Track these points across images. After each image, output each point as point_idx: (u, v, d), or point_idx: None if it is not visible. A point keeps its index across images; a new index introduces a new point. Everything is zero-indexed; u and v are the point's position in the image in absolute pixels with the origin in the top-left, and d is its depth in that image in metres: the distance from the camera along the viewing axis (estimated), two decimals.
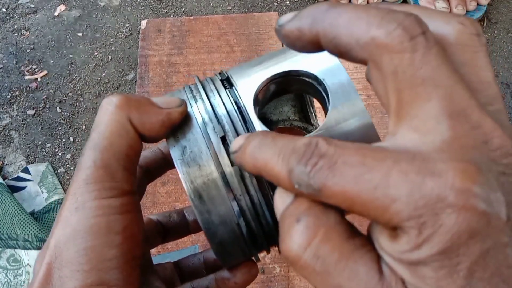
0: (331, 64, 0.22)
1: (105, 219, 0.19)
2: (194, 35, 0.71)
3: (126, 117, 0.20)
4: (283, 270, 0.52)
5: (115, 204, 0.19)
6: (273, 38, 0.72)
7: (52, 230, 0.19)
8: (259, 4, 0.75)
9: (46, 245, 0.19)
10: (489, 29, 0.74)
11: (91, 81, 0.66)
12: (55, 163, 0.59)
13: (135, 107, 0.20)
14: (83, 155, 0.19)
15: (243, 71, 0.24)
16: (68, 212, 0.19)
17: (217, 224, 0.21)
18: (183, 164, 0.21)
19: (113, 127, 0.20)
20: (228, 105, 0.22)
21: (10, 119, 0.62)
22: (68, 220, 0.19)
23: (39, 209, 0.55)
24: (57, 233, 0.19)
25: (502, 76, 0.69)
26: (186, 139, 0.21)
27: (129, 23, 0.72)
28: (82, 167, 0.19)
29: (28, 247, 0.51)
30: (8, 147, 0.59)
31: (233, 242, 0.22)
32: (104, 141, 0.19)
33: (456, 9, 0.71)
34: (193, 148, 0.21)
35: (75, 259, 0.18)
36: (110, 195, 0.19)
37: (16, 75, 0.66)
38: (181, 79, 0.67)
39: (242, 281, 0.26)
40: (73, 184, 0.19)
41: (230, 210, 0.21)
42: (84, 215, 0.19)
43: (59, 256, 0.18)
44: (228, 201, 0.21)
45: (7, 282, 0.49)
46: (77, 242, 0.18)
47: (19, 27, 0.71)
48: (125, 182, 0.20)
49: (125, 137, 0.20)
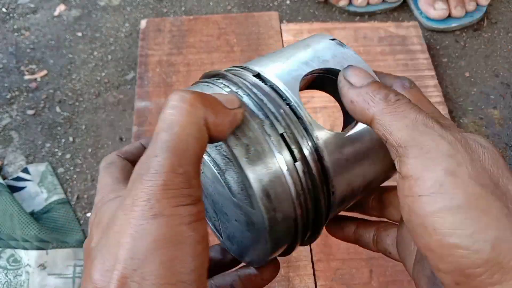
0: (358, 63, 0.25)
1: (186, 228, 0.18)
2: (194, 35, 0.71)
3: (203, 118, 0.19)
4: (283, 271, 0.52)
5: (193, 212, 0.18)
6: (273, 38, 0.72)
7: (115, 239, 0.18)
8: (259, 4, 0.75)
9: (111, 257, 0.17)
10: (489, 29, 0.74)
11: (91, 81, 0.66)
12: (55, 163, 0.59)
13: (210, 107, 0.19)
14: (156, 156, 0.18)
15: (276, 66, 0.24)
16: (143, 220, 0.17)
17: (279, 221, 0.21)
18: (249, 163, 0.20)
19: (190, 129, 0.18)
20: (279, 102, 0.22)
21: (10, 119, 0.62)
22: (145, 228, 0.17)
23: (39, 209, 0.55)
24: (132, 244, 0.17)
25: (502, 76, 0.69)
26: (247, 137, 0.21)
27: (128, 23, 0.72)
28: (158, 171, 0.17)
29: (28, 247, 0.50)
30: (8, 147, 0.59)
31: (285, 238, 0.23)
32: (181, 144, 0.18)
33: (455, 10, 0.71)
34: (256, 147, 0.21)
35: (158, 271, 0.17)
36: (188, 202, 0.18)
37: (16, 75, 0.66)
38: (181, 79, 0.67)
39: (269, 277, 0.26)
40: (142, 189, 0.17)
41: (291, 206, 0.21)
42: (165, 223, 0.17)
43: (139, 269, 0.17)
44: (291, 197, 0.21)
45: (7, 282, 0.49)
46: (160, 253, 0.17)
47: (19, 27, 0.71)
48: (198, 188, 0.18)
49: (200, 140, 0.19)
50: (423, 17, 0.73)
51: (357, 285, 0.49)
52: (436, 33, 0.73)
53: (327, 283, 0.49)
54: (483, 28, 0.74)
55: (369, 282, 0.50)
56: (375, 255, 0.51)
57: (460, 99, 0.66)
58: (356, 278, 0.50)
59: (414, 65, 0.66)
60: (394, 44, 0.68)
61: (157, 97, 0.62)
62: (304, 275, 0.50)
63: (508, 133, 0.63)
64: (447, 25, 0.72)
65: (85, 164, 0.59)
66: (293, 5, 0.76)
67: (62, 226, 0.53)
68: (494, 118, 0.65)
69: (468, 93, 0.67)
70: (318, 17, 0.74)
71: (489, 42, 0.73)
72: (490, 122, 0.64)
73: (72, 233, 0.53)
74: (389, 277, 0.50)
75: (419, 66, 0.66)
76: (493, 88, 0.68)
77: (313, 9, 0.75)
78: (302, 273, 0.50)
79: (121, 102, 0.64)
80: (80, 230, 0.54)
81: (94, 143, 0.60)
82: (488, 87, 0.68)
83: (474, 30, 0.74)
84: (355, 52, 0.26)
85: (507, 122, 0.64)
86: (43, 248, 0.50)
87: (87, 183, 0.57)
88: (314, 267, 0.50)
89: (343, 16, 0.75)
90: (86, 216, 0.55)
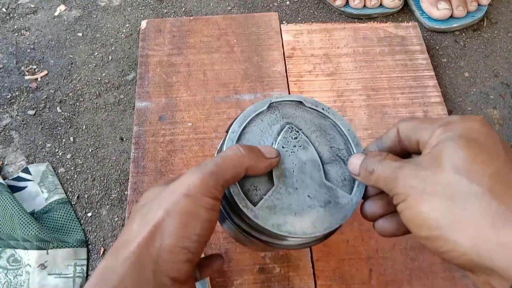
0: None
1: (204, 210, 0.28)
2: (194, 35, 0.71)
3: (246, 167, 0.31)
4: (283, 270, 0.52)
5: (211, 204, 0.29)
6: (273, 39, 0.72)
7: (157, 204, 0.29)
8: (259, 4, 0.75)
9: (152, 214, 0.28)
10: (489, 29, 0.74)
11: (91, 81, 0.66)
12: (55, 163, 0.59)
13: (253, 160, 0.31)
14: (206, 164, 0.29)
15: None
16: (179, 197, 0.28)
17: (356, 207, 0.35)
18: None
19: (235, 168, 0.30)
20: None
21: (10, 119, 0.62)
22: (179, 202, 0.28)
23: (39, 209, 0.55)
24: (168, 209, 0.28)
25: (502, 76, 0.69)
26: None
27: (129, 23, 0.72)
28: (202, 171, 0.29)
29: (28, 247, 0.51)
30: (8, 147, 0.59)
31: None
32: (225, 170, 0.30)
33: (456, 10, 0.71)
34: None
35: (177, 227, 0.27)
36: (211, 197, 0.29)
37: (16, 75, 0.66)
38: (181, 79, 0.67)
39: (218, 267, 0.38)
40: (188, 177, 0.29)
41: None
42: (192, 202, 0.28)
43: (166, 221, 0.27)
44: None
45: (7, 282, 0.49)
46: (182, 217, 0.28)
47: (19, 27, 0.71)
48: (220, 194, 0.30)
49: (237, 176, 0.31)
50: (425, 17, 0.73)
51: (356, 284, 0.49)
52: (435, 33, 0.73)
53: (326, 283, 0.49)
54: (482, 28, 0.74)
55: (369, 281, 0.50)
56: (375, 255, 0.51)
57: (459, 99, 0.66)
58: (355, 278, 0.50)
59: (413, 66, 0.67)
60: (394, 44, 0.69)
61: (157, 97, 0.62)
62: (304, 275, 0.50)
63: (507, 133, 0.63)
64: (448, 26, 0.72)
65: (85, 164, 0.59)
66: (292, 6, 0.76)
67: (63, 226, 0.53)
68: (493, 118, 0.65)
69: (468, 93, 0.67)
70: (317, 18, 0.75)
71: (488, 42, 0.73)
72: (490, 122, 0.64)
73: (72, 233, 0.53)
74: (389, 277, 0.50)
75: (418, 66, 0.66)
76: (493, 88, 0.68)
77: (312, 10, 0.76)
78: (302, 272, 0.50)
79: (121, 102, 0.64)
80: (81, 230, 0.54)
81: (95, 143, 0.60)
82: (487, 87, 0.68)
83: (474, 30, 0.74)
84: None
85: (507, 122, 0.64)
86: (43, 248, 0.50)
87: (87, 183, 0.57)
88: (314, 267, 0.50)
89: (342, 17, 0.75)
90: (86, 216, 0.55)
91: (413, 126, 0.30)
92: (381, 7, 0.74)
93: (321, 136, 0.35)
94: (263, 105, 0.36)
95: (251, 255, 0.50)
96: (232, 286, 0.49)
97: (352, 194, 0.33)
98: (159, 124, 0.60)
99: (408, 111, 0.62)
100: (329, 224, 0.32)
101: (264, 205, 0.32)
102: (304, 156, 0.34)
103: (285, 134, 0.35)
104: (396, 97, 0.63)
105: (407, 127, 0.31)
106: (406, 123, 0.31)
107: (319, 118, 0.36)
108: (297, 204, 0.32)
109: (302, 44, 0.68)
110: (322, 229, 0.32)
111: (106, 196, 0.57)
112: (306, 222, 0.32)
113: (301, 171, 0.33)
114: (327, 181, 0.33)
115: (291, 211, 0.32)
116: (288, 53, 0.67)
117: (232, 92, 0.63)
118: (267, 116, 0.35)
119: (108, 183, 0.58)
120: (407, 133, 0.31)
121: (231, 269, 0.50)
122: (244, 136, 0.34)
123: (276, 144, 0.34)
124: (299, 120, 0.36)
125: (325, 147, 0.35)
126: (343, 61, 0.66)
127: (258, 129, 0.35)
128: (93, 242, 0.53)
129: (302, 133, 0.35)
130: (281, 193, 0.32)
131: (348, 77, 0.65)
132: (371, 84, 0.64)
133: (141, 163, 0.57)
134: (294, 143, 0.34)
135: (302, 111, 0.36)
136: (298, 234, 0.31)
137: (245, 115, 0.35)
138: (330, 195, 0.33)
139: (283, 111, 0.36)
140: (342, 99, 0.62)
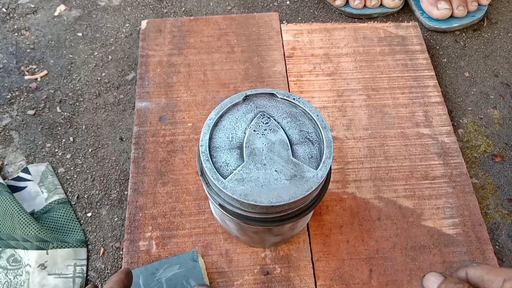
0: None
1: None
2: (195, 35, 0.71)
3: None
4: (283, 271, 0.52)
5: None
6: (273, 39, 0.72)
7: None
8: (259, 4, 0.75)
9: None
10: (489, 29, 0.74)
11: (91, 81, 0.66)
12: (55, 163, 0.59)
13: None
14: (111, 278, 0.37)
15: None
16: None
17: (324, 184, 0.40)
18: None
19: None
20: None
21: (10, 119, 0.62)
22: None
23: (39, 209, 0.55)
24: None
25: (502, 76, 0.69)
26: None
27: (129, 23, 0.72)
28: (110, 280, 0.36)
29: (28, 247, 0.51)
30: (8, 147, 0.59)
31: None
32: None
33: (457, 10, 0.71)
34: None
35: None
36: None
37: (16, 75, 0.66)
38: (182, 79, 0.67)
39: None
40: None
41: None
42: None
43: None
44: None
45: (7, 282, 0.49)
46: None
47: (19, 27, 0.71)
48: None
49: None
50: (425, 17, 0.73)
51: (356, 284, 0.49)
52: (435, 33, 0.73)
53: (326, 283, 0.49)
54: (483, 28, 0.74)
55: (369, 281, 0.50)
56: (375, 255, 0.51)
57: (459, 99, 0.66)
58: (355, 278, 0.50)
59: (413, 65, 0.67)
60: (394, 44, 0.69)
61: (158, 98, 0.62)
62: (304, 275, 0.50)
63: (507, 133, 0.63)
64: (449, 25, 0.72)
65: (85, 164, 0.59)
66: (293, 6, 0.76)
67: (63, 226, 0.53)
68: (493, 118, 0.65)
69: (468, 93, 0.67)
70: (318, 18, 0.74)
71: (489, 42, 0.73)
72: (490, 122, 0.64)
73: (72, 233, 0.53)
74: (389, 277, 0.50)
75: (419, 66, 0.66)
76: (493, 88, 0.68)
77: (312, 10, 0.75)
78: (302, 273, 0.50)
79: (121, 102, 0.64)
80: (80, 230, 0.54)
81: (95, 143, 0.60)
82: (487, 87, 0.68)
83: (474, 30, 0.74)
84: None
85: (507, 122, 0.64)
86: (43, 248, 0.50)
87: (87, 183, 0.57)
88: (314, 267, 0.50)
89: (342, 17, 0.75)
90: (86, 216, 0.55)
91: (480, 275, 0.33)
92: (381, 7, 0.74)
93: (291, 122, 0.39)
94: (239, 97, 0.40)
95: (251, 255, 0.50)
96: (232, 286, 0.49)
97: (318, 169, 0.36)
98: (159, 124, 0.60)
99: (408, 111, 0.62)
100: (293, 194, 0.35)
101: (234, 178, 0.36)
102: (274, 138, 0.38)
103: (257, 120, 0.39)
104: (396, 97, 0.63)
105: (475, 274, 0.34)
106: (474, 270, 0.34)
107: (290, 107, 0.40)
108: (264, 178, 0.36)
109: (302, 44, 0.68)
110: (287, 199, 0.35)
111: (106, 196, 0.57)
112: (272, 193, 0.35)
113: (270, 150, 0.37)
114: (294, 158, 0.37)
115: (258, 183, 0.35)
116: (288, 53, 0.67)
117: (233, 92, 0.63)
118: (242, 106, 0.40)
119: (108, 183, 0.57)
120: (476, 281, 0.33)
121: (232, 270, 0.50)
122: (220, 123, 0.39)
123: (249, 128, 0.38)
124: (271, 109, 0.40)
125: (295, 130, 0.39)
126: (343, 61, 0.66)
127: (234, 117, 0.39)
128: (93, 242, 0.53)
129: (273, 119, 0.39)
130: (250, 168, 0.36)
131: (348, 77, 0.65)
132: (371, 84, 0.64)
133: (141, 164, 0.57)
134: (265, 127, 0.38)
135: (275, 102, 0.40)
136: (264, 203, 0.34)
137: (222, 106, 0.39)
138: (296, 170, 0.36)
139: (257, 102, 0.40)
140: (342, 99, 0.62)
